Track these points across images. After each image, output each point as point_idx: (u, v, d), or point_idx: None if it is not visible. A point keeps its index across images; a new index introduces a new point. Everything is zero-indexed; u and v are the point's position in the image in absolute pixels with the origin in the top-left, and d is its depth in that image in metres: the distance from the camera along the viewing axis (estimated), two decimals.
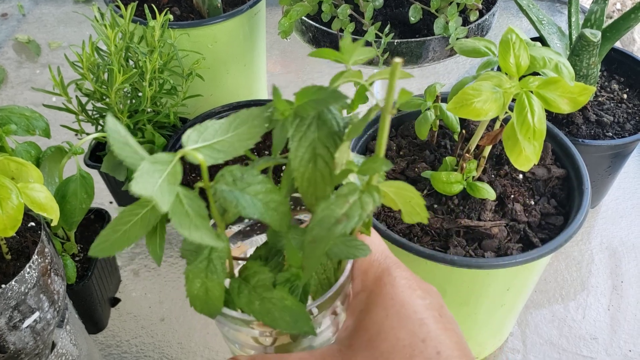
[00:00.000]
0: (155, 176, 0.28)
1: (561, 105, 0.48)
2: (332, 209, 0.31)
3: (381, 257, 0.39)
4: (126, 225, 0.32)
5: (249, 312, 0.34)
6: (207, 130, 0.32)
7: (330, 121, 0.33)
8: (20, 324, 0.51)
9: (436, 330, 0.35)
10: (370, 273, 0.38)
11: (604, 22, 0.78)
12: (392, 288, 0.37)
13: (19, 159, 0.51)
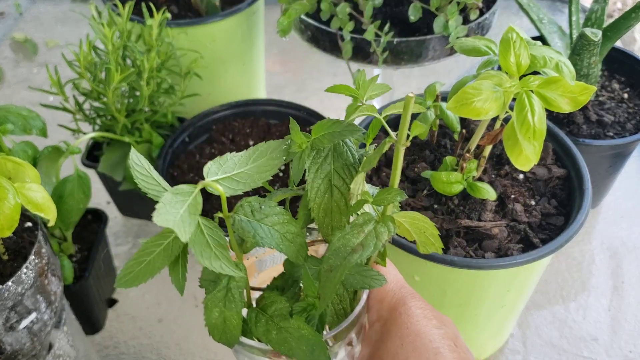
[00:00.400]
0: (177, 207, 0.29)
1: (562, 104, 0.47)
2: (348, 238, 0.32)
3: (396, 287, 0.39)
4: (150, 256, 0.33)
5: (266, 341, 0.35)
6: (227, 162, 0.33)
7: (346, 153, 0.35)
8: (17, 324, 0.51)
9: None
10: (386, 303, 0.39)
11: (605, 21, 0.78)
12: (408, 317, 0.37)
13: (15, 158, 0.50)
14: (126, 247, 0.86)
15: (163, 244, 0.33)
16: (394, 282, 0.40)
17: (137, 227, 0.89)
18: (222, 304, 0.35)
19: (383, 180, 0.64)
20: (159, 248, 0.33)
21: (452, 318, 0.61)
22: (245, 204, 0.33)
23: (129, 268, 0.33)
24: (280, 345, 0.34)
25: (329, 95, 1.13)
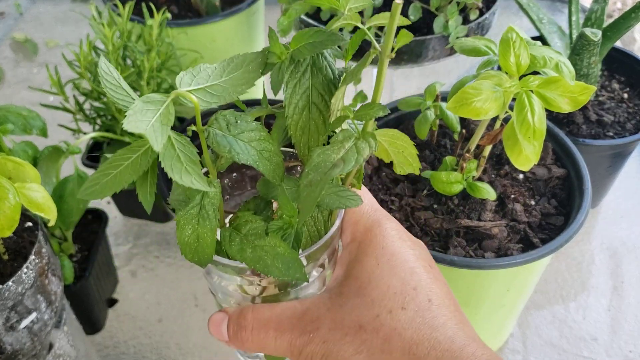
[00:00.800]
0: (148, 115, 0.28)
1: (561, 104, 0.47)
2: (328, 154, 0.31)
3: (371, 209, 0.39)
4: (117, 169, 0.31)
5: (241, 260, 0.34)
6: (201, 73, 0.31)
7: (325, 68, 0.33)
8: (17, 324, 0.51)
9: (427, 280, 0.35)
10: (361, 225, 0.39)
11: (605, 21, 0.78)
12: (383, 238, 0.37)
13: (16, 158, 0.50)
14: (126, 247, 0.86)
15: (131, 157, 0.31)
16: (368, 205, 0.39)
17: (137, 227, 0.89)
18: (195, 221, 0.33)
19: (383, 179, 0.64)
20: (127, 162, 0.31)
21: None
22: (221, 117, 0.32)
23: (94, 180, 0.32)
24: (255, 263, 0.33)
25: None
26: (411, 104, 0.64)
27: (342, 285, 0.37)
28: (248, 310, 0.37)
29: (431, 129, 0.64)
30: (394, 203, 0.61)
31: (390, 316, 0.34)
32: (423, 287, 0.35)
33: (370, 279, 0.36)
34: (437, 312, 0.34)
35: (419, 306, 0.34)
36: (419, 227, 0.59)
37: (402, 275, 0.35)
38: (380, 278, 0.35)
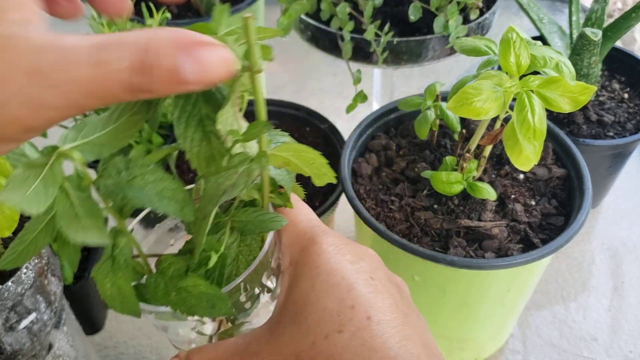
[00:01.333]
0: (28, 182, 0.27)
1: (562, 104, 0.47)
2: (221, 182, 0.30)
3: (307, 227, 0.37)
4: (32, 234, 0.31)
5: (167, 304, 0.33)
6: (87, 127, 0.31)
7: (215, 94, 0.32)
8: (16, 325, 0.50)
9: (367, 295, 0.33)
10: (297, 245, 0.36)
11: (605, 21, 0.78)
12: (318, 257, 0.35)
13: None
14: None
15: (45, 220, 0.31)
16: (305, 222, 0.37)
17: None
18: (111, 274, 0.33)
19: (383, 180, 0.64)
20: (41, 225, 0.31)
21: (453, 318, 0.62)
22: (110, 166, 0.31)
23: (12, 249, 0.32)
24: (179, 306, 0.33)
25: (329, 95, 1.14)
26: (411, 104, 0.64)
27: (280, 313, 0.35)
28: (193, 353, 0.36)
29: (431, 129, 0.64)
30: (394, 203, 0.61)
31: (327, 342, 0.32)
32: (362, 304, 0.32)
33: (305, 303, 0.33)
34: (377, 329, 0.31)
35: (357, 326, 0.32)
36: (419, 227, 0.59)
37: (338, 294, 0.33)
38: (316, 301, 0.33)
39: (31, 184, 0.27)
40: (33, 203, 0.27)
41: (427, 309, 0.60)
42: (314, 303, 0.33)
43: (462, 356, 0.69)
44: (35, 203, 0.27)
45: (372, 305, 0.32)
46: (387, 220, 0.60)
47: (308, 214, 0.38)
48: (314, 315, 0.33)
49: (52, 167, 0.28)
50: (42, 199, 0.27)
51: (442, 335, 0.64)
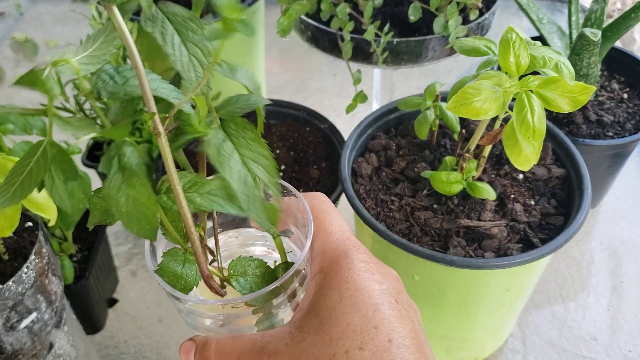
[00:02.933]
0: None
1: (561, 104, 0.48)
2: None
3: (340, 239, 0.38)
4: (22, 175, 0.31)
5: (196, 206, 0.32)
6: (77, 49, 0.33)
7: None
8: (17, 324, 0.51)
9: (390, 317, 0.34)
10: (328, 255, 0.37)
11: (604, 22, 0.78)
12: (349, 271, 0.35)
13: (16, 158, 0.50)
14: (126, 247, 0.86)
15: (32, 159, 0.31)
16: (338, 234, 0.38)
17: None
18: (124, 186, 0.31)
19: (383, 179, 0.64)
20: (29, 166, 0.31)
21: (452, 318, 0.62)
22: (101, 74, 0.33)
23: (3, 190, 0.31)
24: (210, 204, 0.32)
25: (329, 95, 1.14)
26: (411, 104, 0.64)
27: (303, 319, 0.35)
28: (212, 341, 0.36)
29: (431, 129, 0.65)
30: (393, 203, 0.61)
31: (347, 356, 0.32)
32: (385, 325, 0.33)
33: (331, 315, 0.34)
34: (396, 353, 0.32)
35: (378, 346, 0.32)
36: (419, 227, 0.59)
37: (364, 312, 0.34)
38: (341, 315, 0.34)
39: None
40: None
41: (427, 308, 0.60)
42: (339, 316, 0.34)
43: (462, 356, 0.70)
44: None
45: (394, 328, 0.33)
46: (387, 220, 0.60)
47: (341, 225, 0.39)
48: (337, 328, 0.33)
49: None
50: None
51: (442, 334, 0.65)
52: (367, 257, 0.37)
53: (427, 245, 0.57)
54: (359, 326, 0.33)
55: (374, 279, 0.35)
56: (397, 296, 0.36)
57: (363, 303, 0.34)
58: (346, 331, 0.33)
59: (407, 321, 0.34)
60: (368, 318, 0.33)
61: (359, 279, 0.35)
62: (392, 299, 0.35)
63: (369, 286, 0.35)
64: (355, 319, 0.33)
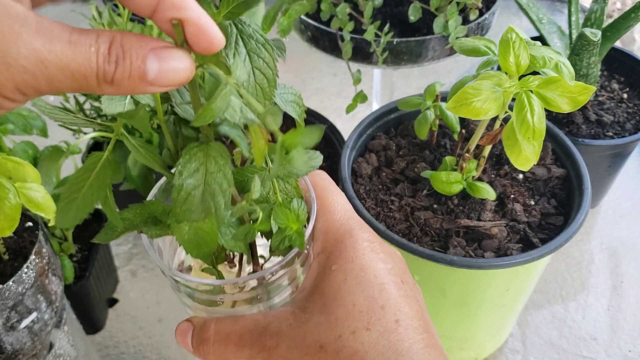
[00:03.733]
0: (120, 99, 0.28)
1: (561, 104, 0.48)
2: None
3: (344, 217, 0.37)
4: (80, 192, 0.30)
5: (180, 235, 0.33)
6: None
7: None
8: (17, 324, 0.51)
9: (397, 298, 0.33)
10: (332, 234, 0.36)
11: (604, 22, 0.78)
12: (353, 250, 0.35)
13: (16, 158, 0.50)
14: (126, 247, 0.86)
15: (90, 177, 0.30)
16: (341, 212, 0.37)
17: None
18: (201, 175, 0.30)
19: (383, 180, 0.64)
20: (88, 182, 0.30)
21: (452, 317, 0.62)
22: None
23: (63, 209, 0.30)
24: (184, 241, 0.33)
25: (329, 95, 1.14)
26: (411, 104, 0.64)
27: (307, 300, 0.35)
28: (211, 322, 0.35)
29: (431, 129, 0.65)
30: (393, 203, 0.61)
31: (353, 337, 0.32)
32: (391, 305, 0.33)
33: (336, 296, 0.33)
34: (404, 334, 0.32)
35: (385, 327, 0.32)
36: (419, 227, 0.59)
37: (370, 292, 0.33)
38: (346, 295, 0.33)
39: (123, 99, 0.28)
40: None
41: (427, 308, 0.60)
42: (345, 297, 0.33)
43: (462, 355, 0.70)
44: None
45: (401, 309, 0.33)
46: (387, 220, 0.60)
47: (344, 203, 0.38)
48: (343, 309, 0.33)
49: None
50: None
51: (441, 334, 0.64)
52: (371, 236, 0.36)
53: (427, 245, 0.57)
54: (365, 306, 0.33)
55: (379, 259, 0.35)
56: (402, 276, 0.35)
57: (369, 283, 0.33)
58: (352, 311, 0.33)
59: (414, 301, 0.34)
60: (374, 298, 0.33)
61: (364, 258, 0.34)
62: (398, 279, 0.34)
63: (374, 265, 0.34)
64: (361, 299, 0.33)
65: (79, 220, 0.30)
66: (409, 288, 0.35)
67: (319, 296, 0.34)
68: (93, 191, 0.30)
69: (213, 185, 0.30)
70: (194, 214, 0.29)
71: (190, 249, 0.33)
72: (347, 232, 0.36)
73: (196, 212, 0.29)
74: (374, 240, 0.36)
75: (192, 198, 0.29)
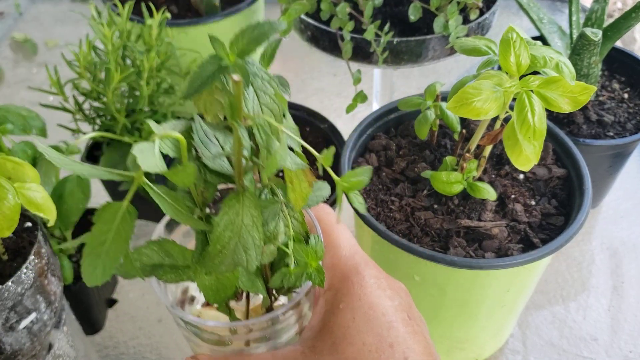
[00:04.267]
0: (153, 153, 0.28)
1: (562, 104, 0.47)
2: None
3: (349, 253, 0.37)
4: (104, 244, 0.30)
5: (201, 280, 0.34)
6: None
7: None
8: (16, 325, 0.50)
9: (405, 335, 0.33)
10: (338, 270, 0.36)
11: (605, 21, 0.78)
12: (360, 288, 0.35)
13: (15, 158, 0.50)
14: None
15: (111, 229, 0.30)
16: (347, 248, 0.37)
17: (136, 227, 0.89)
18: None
19: (383, 180, 0.64)
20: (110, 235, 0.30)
21: (452, 318, 0.62)
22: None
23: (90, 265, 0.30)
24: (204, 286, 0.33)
25: (329, 95, 1.14)
26: (411, 104, 0.63)
27: (316, 339, 0.35)
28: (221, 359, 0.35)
29: (431, 129, 0.64)
30: (394, 203, 0.61)
31: None
32: (400, 343, 0.33)
33: (345, 335, 0.33)
34: None
35: None
36: (419, 228, 0.59)
37: (378, 330, 0.33)
38: (355, 334, 0.33)
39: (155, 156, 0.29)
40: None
41: (427, 309, 0.60)
42: (354, 335, 0.33)
43: (462, 356, 0.69)
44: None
45: (409, 346, 0.33)
46: (387, 220, 0.60)
47: (349, 238, 0.38)
48: (352, 348, 0.33)
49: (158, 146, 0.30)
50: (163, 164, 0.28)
51: (442, 335, 0.64)
52: (377, 273, 0.36)
53: (427, 245, 0.57)
54: (374, 345, 0.33)
55: (386, 295, 0.35)
56: (409, 311, 0.35)
57: (377, 321, 0.33)
58: (362, 351, 0.33)
59: (421, 337, 0.34)
60: (383, 336, 0.33)
61: (371, 296, 0.35)
62: (405, 315, 0.35)
63: (382, 303, 0.34)
64: (370, 337, 0.33)
65: (109, 276, 0.30)
66: (415, 324, 0.35)
67: (327, 335, 0.34)
68: (116, 245, 0.30)
69: (247, 238, 0.30)
70: (224, 266, 0.30)
71: (209, 295, 0.33)
72: (354, 269, 0.36)
73: (227, 265, 0.30)
74: (380, 276, 0.36)
75: (226, 251, 0.30)
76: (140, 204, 0.33)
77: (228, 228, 0.30)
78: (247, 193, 0.31)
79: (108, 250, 0.29)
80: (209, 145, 0.32)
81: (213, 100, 0.32)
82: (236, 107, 0.28)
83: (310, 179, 0.31)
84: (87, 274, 0.29)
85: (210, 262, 0.30)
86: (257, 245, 0.30)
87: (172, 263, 0.34)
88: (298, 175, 0.30)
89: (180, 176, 0.29)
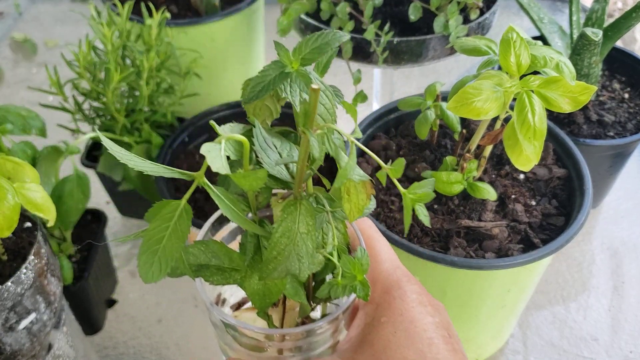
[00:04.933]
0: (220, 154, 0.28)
1: (562, 104, 0.47)
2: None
3: (391, 267, 0.37)
4: (160, 242, 0.30)
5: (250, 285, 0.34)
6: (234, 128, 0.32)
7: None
8: (16, 325, 0.50)
9: (445, 352, 0.34)
10: (379, 285, 0.37)
11: (605, 21, 0.78)
12: (402, 303, 0.35)
13: (15, 158, 0.50)
14: (126, 247, 0.86)
15: (168, 226, 0.30)
16: (388, 262, 0.37)
17: (136, 227, 0.89)
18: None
19: None
20: (167, 232, 0.30)
21: (453, 318, 0.61)
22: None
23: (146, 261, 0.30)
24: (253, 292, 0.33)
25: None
26: (411, 104, 0.63)
27: (355, 351, 0.35)
28: None
29: (431, 129, 0.64)
30: (394, 203, 0.61)
31: None
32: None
33: (385, 348, 0.34)
34: None
35: None
36: (420, 228, 0.59)
37: (419, 346, 0.33)
38: (396, 348, 0.34)
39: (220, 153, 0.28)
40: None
41: None
42: (395, 350, 0.34)
43: None
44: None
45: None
46: (387, 220, 0.60)
47: (390, 252, 0.38)
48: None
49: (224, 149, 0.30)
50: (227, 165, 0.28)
51: None
52: (419, 289, 0.36)
53: (427, 245, 0.57)
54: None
55: (427, 312, 0.35)
56: (448, 329, 0.35)
57: (418, 336, 0.34)
58: None
59: (461, 355, 0.34)
60: (424, 352, 0.33)
61: (412, 311, 0.35)
62: (445, 333, 0.35)
63: (423, 319, 0.35)
64: (411, 353, 0.33)
65: (164, 274, 0.30)
66: (455, 342, 0.35)
67: (368, 348, 0.35)
68: (173, 242, 0.30)
69: (302, 247, 0.30)
70: (277, 272, 0.30)
71: (256, 300, 0.33)
72: (395, 284, 0.36)
73: (280, 271, 0.30)
74: (421, 292, 0.36)
75: (281, 257, 0.30)
76: (140, 203, 0.33)
77: (285, 235, 0.30)
78: (304, 201, 0.31)
79: (165, 248, 0.30)
80: (268, 152, 0.32)
81: (263, 106, 0.32)
82: (310, 115, 0.28)
83: (369, 191, 0.30)
84: (144, 272, 0.30)
85: (265, 267, 0.30)
86: (310, 254, 0.30)
87: (218, 264, 0.34)
88: (357, 187, 0.30)
89: (250, 180, 0.28)
